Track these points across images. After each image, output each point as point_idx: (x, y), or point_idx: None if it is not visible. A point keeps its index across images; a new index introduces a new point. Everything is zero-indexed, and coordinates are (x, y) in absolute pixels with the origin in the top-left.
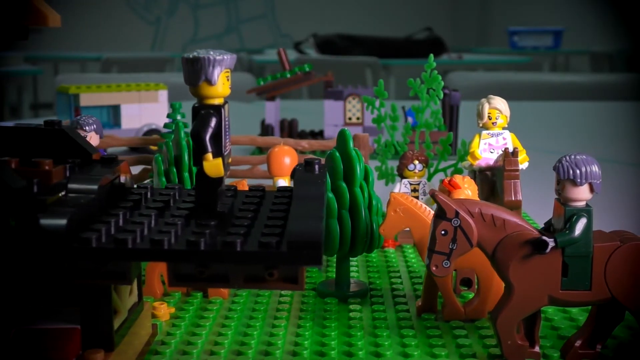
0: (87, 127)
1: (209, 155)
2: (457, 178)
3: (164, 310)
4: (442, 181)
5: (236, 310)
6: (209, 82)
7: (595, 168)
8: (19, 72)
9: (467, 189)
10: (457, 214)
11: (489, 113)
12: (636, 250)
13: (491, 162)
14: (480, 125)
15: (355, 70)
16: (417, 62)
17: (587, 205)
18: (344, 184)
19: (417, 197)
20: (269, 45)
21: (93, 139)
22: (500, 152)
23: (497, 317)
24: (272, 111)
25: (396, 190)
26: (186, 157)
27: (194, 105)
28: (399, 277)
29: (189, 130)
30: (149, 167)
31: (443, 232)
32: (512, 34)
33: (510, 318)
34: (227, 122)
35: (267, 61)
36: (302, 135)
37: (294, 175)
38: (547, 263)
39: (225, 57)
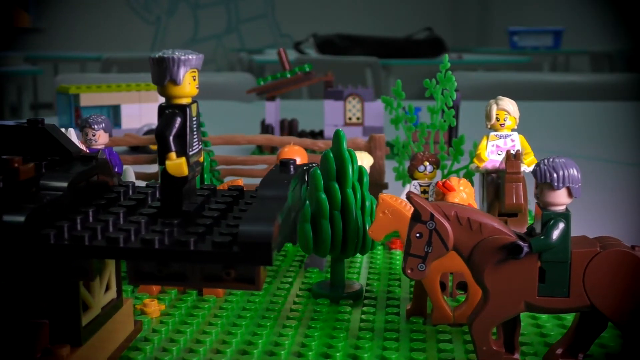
0: (95, 126)
1: (172, 155)
2: (453, 180)
3: (154, 307)
4: (436, 183)
5: (226, 309)
6: (174, 82)
7: (573, 172)
8: (19, 72)
9: (463, 192)
10: (432, 217)
11: (497, 114)
12: (615, 257)
13: (497, 165)
14: (489, 126)
15: (355, 70)
16: (417, 62)
17: (566, 209)
18: (336, 185)
19: (427, 199)
20: (269, 45)
21: (102, 138)
22: None
23: (473, 322)
24: (272, 111)
25: (405, 191)
26: None
27: (160, 104)
28: (398, 279)
29: (201, 129)
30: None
31: (418, 235)
32: (512, 34)
33: (485, 323)
34: (194, 122)
35: (267, 61)
36: (302, 135)
37: None
38: (523, 268)
39: (191, 57)
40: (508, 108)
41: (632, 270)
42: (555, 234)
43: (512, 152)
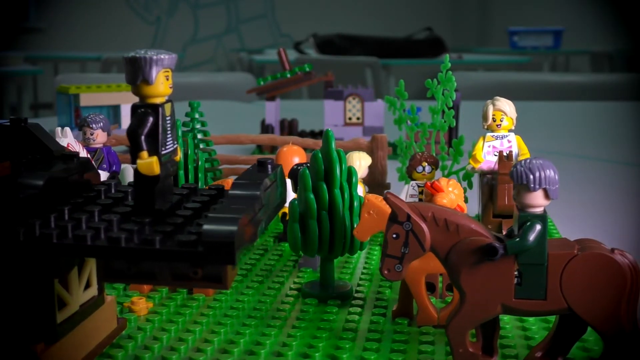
0: (93, 125)
1: (144, 154)
2: (442, 181)
3: (142, 305)
4: (425, 184)
5: (214, 307)
6: (147, 82)
7: (550, 173)
8: (19, 72)
9: (452, 193)
10: (408, 218)
11: (493, 115)
12: (592, 259)
13: (493, 165)
14: (485, 127)
15: (355, 70)
16: (417, 62)
17: (544, 211)
18: (324, 185)
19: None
20: (269, 45)
21: (100, 137)
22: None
23: (449, 324)
24: (272, 111)
25: (404, 192)
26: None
27: (133, 104)
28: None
29: (204, 128)
30: None
31: (395, 236)
32: (512, 34)
33: (462, 325)
34: (168, 121)
35: (267, 61)
36: (302, 135)
37: (292, 175)
38: (499, 270)
39: (163, 57)
40: (504, 109)
41: (609, 273)
42: (531, 236)
43: (505, 153)
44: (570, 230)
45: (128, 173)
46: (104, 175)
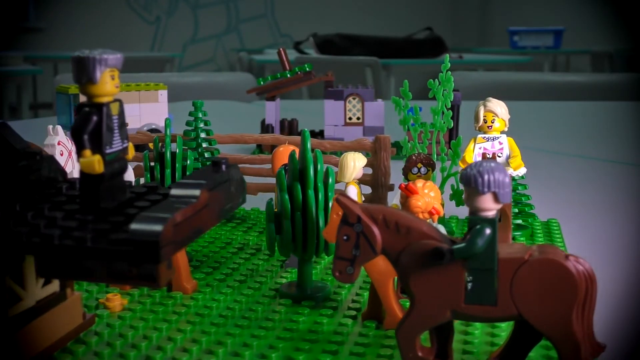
0: None
1: (86, 152)
2: (417, 183)
3: (117, 302)
4: (400, 185)
5: (189, 306)
6: (92, 81)
7: (500, 177)
8: (18, 71)
9: (427, 195)
10: (359, 219)
11: (484, 116)
12: (543, 265)
13: None
14: (477, 128)
15: (355, 70)
16: (417, 62)
17: (495, 215)
18: (298, 185)
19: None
20: (269, 45)
21: None
22: (497, 157)
23: (398, 328)
24: (272, 111)
25: (397, 195)
26: (168, 155)
27: (79, 103)
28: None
29: (207, 127)
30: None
31: (345, 238)
32: (513, 34)
33: (411, 330)
34: (115, 120)
35: (267, 61)
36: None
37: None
38: (449, 275)
39: (108, 56)
40: (496, 110)
41: (560, 280)
42: (479, 241)
43: (489, 155)
44: (570, 230)
45: (128, 173)
46: None
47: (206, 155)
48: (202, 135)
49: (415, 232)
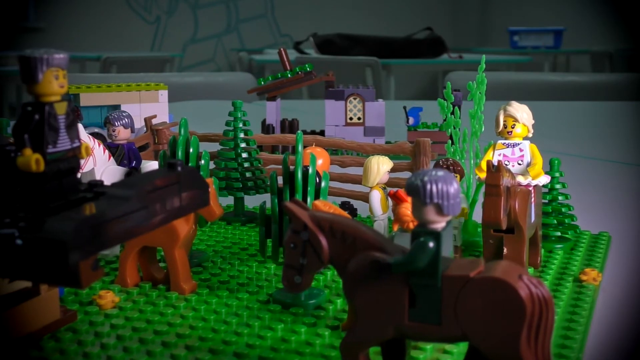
0: (116, 122)
1: (26, 151)
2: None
3: (108, 299)
4: (388, 192)
5: (178, 307)
6: (34, 81)
7: (445, 187)
8: (18, 72)
9: None
10: (305, 227)
11: (504, 121)
12: (488, 284)
13: None
14: (497, 133)
15: (355, 70)
16: (417, 62)
17: (445, 227)
18: (287, 189)
19: None
20: (269, 45)
21: (122, 133)
22: (517, 165)
23: (342, 342)
24: (273, 111)
25: None
26: (179, 154)
27: (23, 102)
28: None
29: (246, 127)
30: None
31: (292, 246)
32: (513, 34)
33: (353, 345)
34: (61, 120)
35: (267, 61)
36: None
37: None
38: (392, 289)
39: (50, 56)
40: (516, 115)
41: (505, 300)
42: (418, 255)
43: (506, 163)
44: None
45: (147, 169)
46: (122, 171)
47: (244, 155)
48: (242, 135)
49: (360, 243)
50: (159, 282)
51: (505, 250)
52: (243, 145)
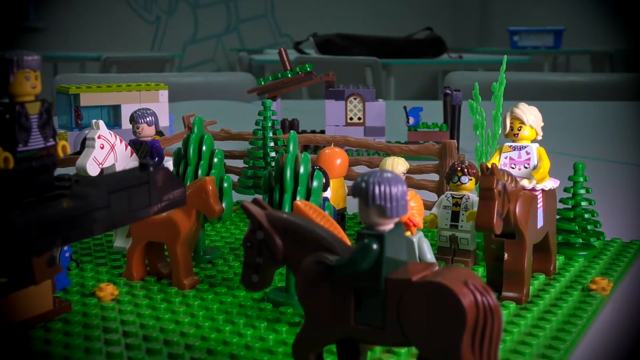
0: (139, 120)
1: None
2: None
3: (108, 292)
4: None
5: (174, 302)
6: (6, 81)
7: (389, 189)
8: None
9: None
10: (260, 226)
11: (510, 123)
12: (429, 289)
13: None
14: (504, 136)
15: (355, 70)
16: (417, 62)
17: (394, 229)
18: (277, 188)
19: (458, 212)
20: (269, 45)
21: (145, 130)
22: (523, 168)
23: (293, 342)
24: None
25: (437, 203)
26: (191, 153)
27: None
28: None
29: (276, 127)
30: None
31: (249, 244)
32: (513, 34)
33: (303, 346)
34: (34, 120)
35: (267, 61)
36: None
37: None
38: (338, 291)
39: (21, 58)
40: (522, 117)
41: (445, 306)
42: (360, 257)
43: (513, 166)
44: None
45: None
46: None
47: (272, 154)
48: (271, 134)
49: (310, 243)
50: (164, 276)
51: (505, 255)
52: (272, 144)
